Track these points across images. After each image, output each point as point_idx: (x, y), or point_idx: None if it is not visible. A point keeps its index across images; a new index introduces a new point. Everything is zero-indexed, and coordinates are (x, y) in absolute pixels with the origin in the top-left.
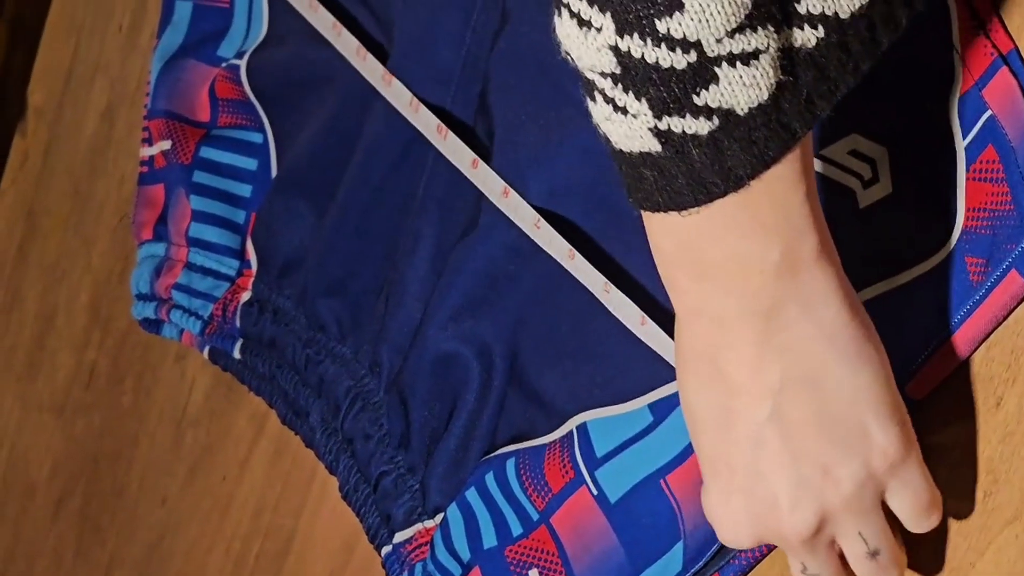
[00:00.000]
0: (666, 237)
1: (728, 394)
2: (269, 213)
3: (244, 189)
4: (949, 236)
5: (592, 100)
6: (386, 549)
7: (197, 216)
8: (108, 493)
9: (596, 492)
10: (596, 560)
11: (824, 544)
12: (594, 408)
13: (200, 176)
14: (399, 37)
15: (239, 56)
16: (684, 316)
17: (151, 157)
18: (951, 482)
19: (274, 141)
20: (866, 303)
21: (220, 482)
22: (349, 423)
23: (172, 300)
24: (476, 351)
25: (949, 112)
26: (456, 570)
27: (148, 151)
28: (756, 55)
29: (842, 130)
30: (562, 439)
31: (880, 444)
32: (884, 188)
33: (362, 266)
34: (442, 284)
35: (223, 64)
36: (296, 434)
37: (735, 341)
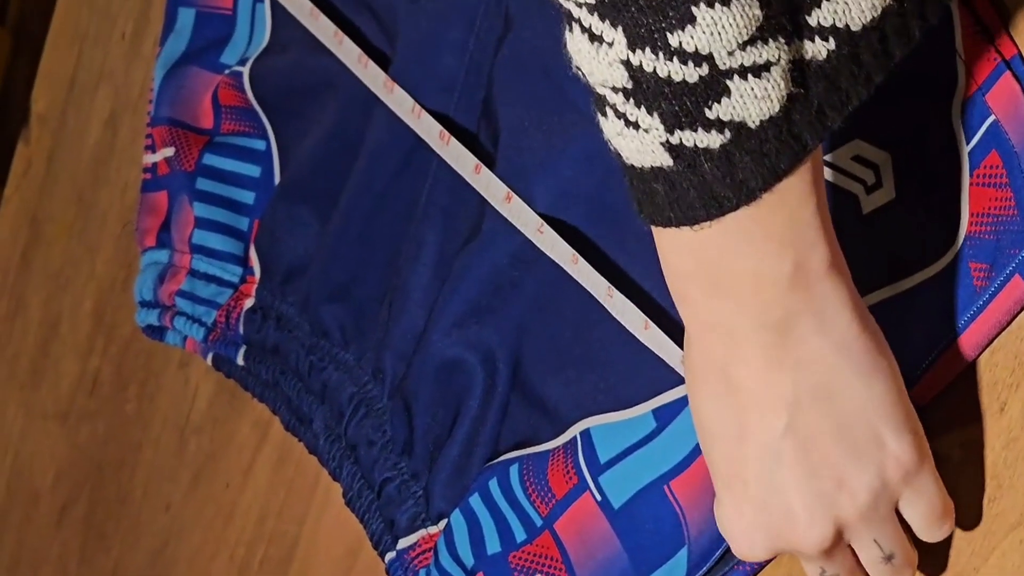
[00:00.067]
0: (677, 252)
1: (742, 407)
2: (272, 220)
3: (247, 196)
4: (953, 241)
5: (603, 115)
6: (390, 555)
7: (200, 223)
8: (112, 500)
9: (600, 498)
10: (600, 566)
11: (841, 550)
12: (597, 414)
13: (203, 183)
14: (402, 44)
15: (242, 63)
16: (695, 330)
17: (154, 164)
18: (955, 487)
19: (277, 148)
20: (870, 308)
21: (224, 489)
22: (353, 429)
23: (176, 307)
24: (480, 357)
25: (952, 117)
26: None
27: (151, 158)
28: (767, 67)
29: (845, 135)
30: (565, 445)
31: (894, 453)
32: (887, 193)
33: (365, 272)
34: (445, 290)
35: (226, 71)
36: (299, 440)
37: (748, 354)
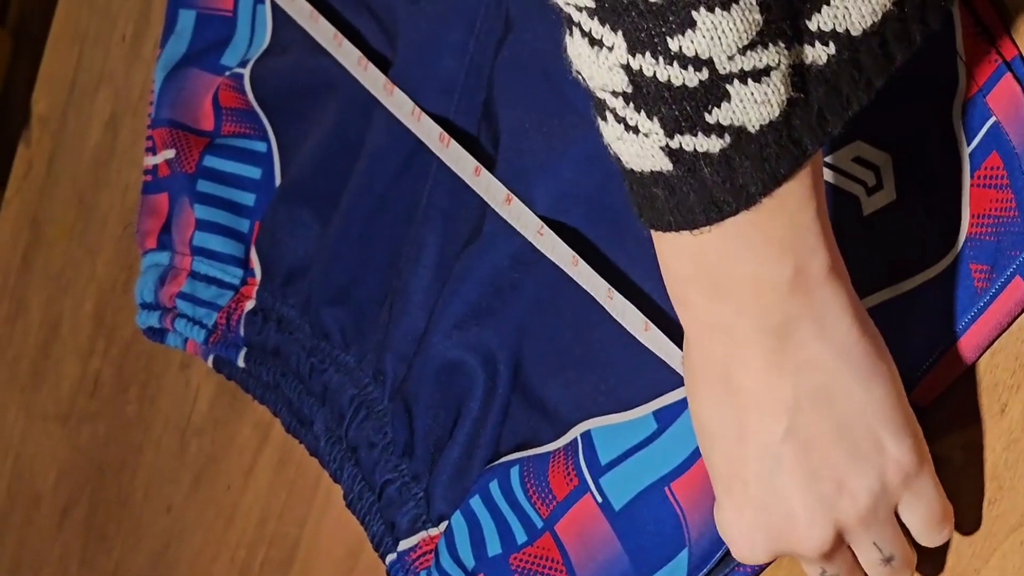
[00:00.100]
0: (677, 256)
1: (742, 411)
2: (273, 222)
3: (248, 198)
4: (953, 243)
5: (603, 120)
6: (390, 557)
7: (201, 225)
8: (113, 502)
9: (600, 500)
10: (601, 568)
11: (840, 552)
12: (598, 416)
13: (204, 185)
14: (402, 46)
15: (242, 65)
16: (695, 333)
17: (155, 166)
18: (956, 489)
19: (278, 150)
20: (870, 310)
21: (225, 491)
22: (353, 431)
23: (176, 309)
24: (480, 359)
25: (953, 118)
26: None
27: (152, 160)
28: (767, 72)
29: (846, 137)
30: (566, 447)
31: (894, 457)
32: (888, 195)
33: (366, 274)
34: (446, 292)
35: (226, 73)
36: (300, 442)
37: (748, 357)
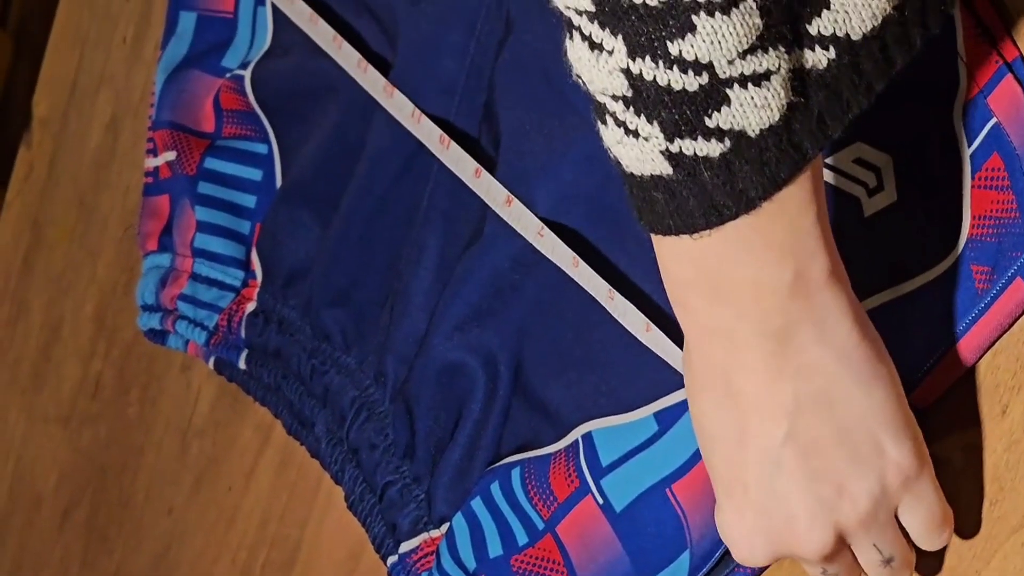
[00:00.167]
0: (677, 260)
1: (742, 414)
2: (274, 224)
3: (249, 200)
4: (955, 244)
5: (603, 124)
6: (392, 559)
7: (202, 227)
8: (114, 504)
9: (601, 501)
10: (602, 569)
11: (841, 554)
12: (599, 417)
13: (205, 187)
14: (403, 48)
15: (243, 67)
16: (695, 337)
17: (156, 168)
18: (956, 490)
19: (279, 152)
20: (872, 311)
21: (226, 492)
22: (354, 433)
23: (177, 311)
24: (481, 361)
25: (954, 120)
26: None
27: (153, 162)
28: (767, 76)
29: (846, 138)
30: (567, 448)
31: (894, 459)
32: (889, 196)
33: (366, 276)
34: (447, 294)
35: (227, 75)
36: (301, 444)
37: (749, 362)
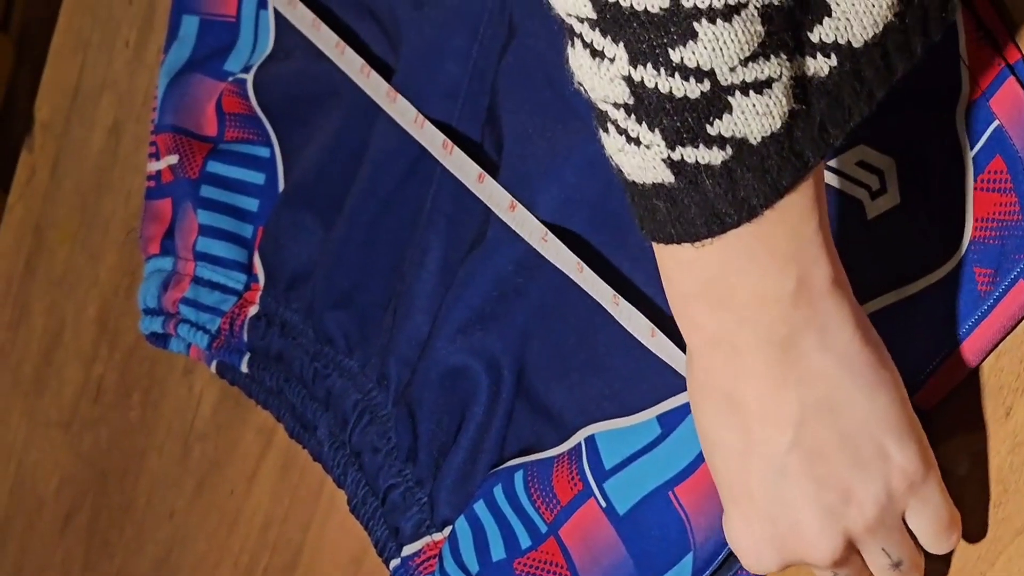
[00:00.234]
0: (679, 269)
1: (747, 424)
2: (276, 227)
3: (251, 203)
4: (957, 246)
5: (605, 131)
6: (394, 562)
7: (204, 230)
8: (116, 508)
9: (605, 504)
10: (605, 572)
11: (850, 558)
12: (602, 420)
13: (207, 190)
14: (406, 51)
15: (246, 70)
16: (698, 348)
17: (158, 172)
18: (960, 493)
19: (281, 155)
20: (875, 314)
21: (228, 496)
22: (357, 436)
23: (179, 314)
24: (484, 364)
25: (956, 122)
26: None
27: (155, 166)
28: (769, 83)
29: (849, 141)
30: (570, 451)
31: (900, 464)
32: (892, 199)
33: (369, 279)
34: (450, 297)
35: (230, 79)
36: (304, 448)
37: (752, 372)
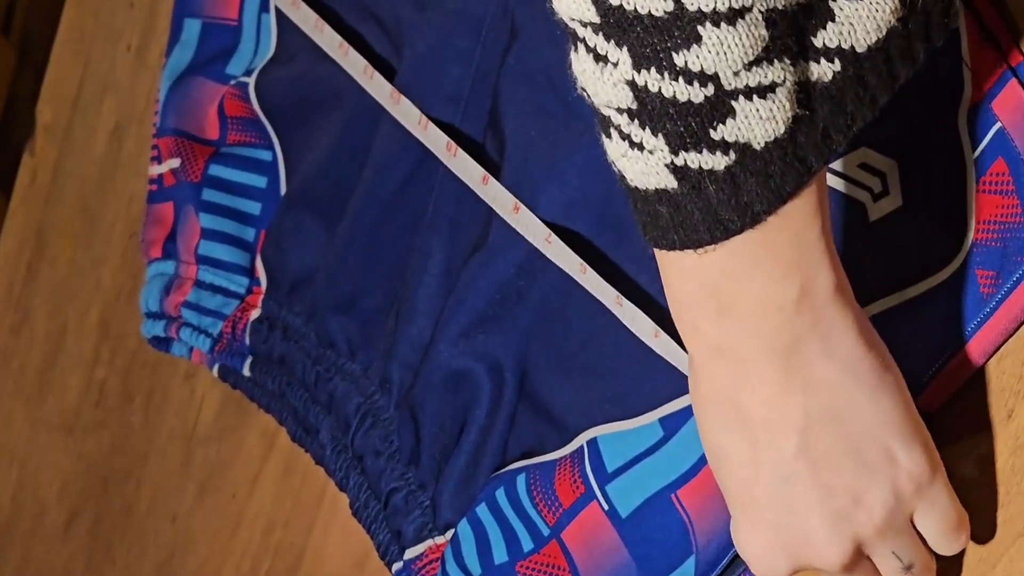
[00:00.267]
0: (681, 276)
1: (752, 431)
2: (278, 230)
3: (253, 207)
4: (960, 249)
5: (608, 137)
6: (397, 566)
7: (206, 234)
8: (118, 512)
9: (607, 507)
10: (607, 575)
11: (861, 562)
12: (604, 423)
13: (209, 194)
14: (409, 54)
15: (248, 74)
16: (701, 357)
17: (160, 175)
18: (963, 494)
19: (283, 158)
20: (877, 316)
21: (230, 500)
22: (359, 440)
23: (181, 318)
24: (487, 367)
25: (958, 125)
26: None
27: (157, 169)
28: (773, 88)
29: (852, 143)
30: (572, 454)
31: (906, 467)
32: (894, 201)
33: (372, 283)
34: (452, 301)
35: (232, 82)
36: (306, 451)
37: (756, 380)
